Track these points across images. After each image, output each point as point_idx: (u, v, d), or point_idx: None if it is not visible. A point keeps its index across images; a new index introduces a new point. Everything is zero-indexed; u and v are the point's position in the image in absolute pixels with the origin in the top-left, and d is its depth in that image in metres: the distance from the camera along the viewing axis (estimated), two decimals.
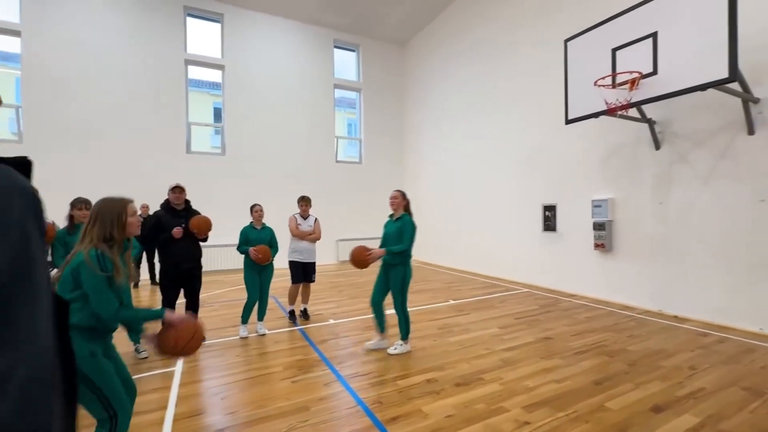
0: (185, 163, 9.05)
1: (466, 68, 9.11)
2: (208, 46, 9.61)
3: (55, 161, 7.72)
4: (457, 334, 4.41)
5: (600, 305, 5.63)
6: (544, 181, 7.01)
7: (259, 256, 4.27)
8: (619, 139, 5.71)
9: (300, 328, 4.73)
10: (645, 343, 4.03)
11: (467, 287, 7.20)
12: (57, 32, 7.90)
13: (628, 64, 4.31)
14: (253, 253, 4.28)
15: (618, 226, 5.76)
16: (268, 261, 4.36)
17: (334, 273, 9.18)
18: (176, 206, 4.06)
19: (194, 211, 4.21)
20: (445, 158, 10.02)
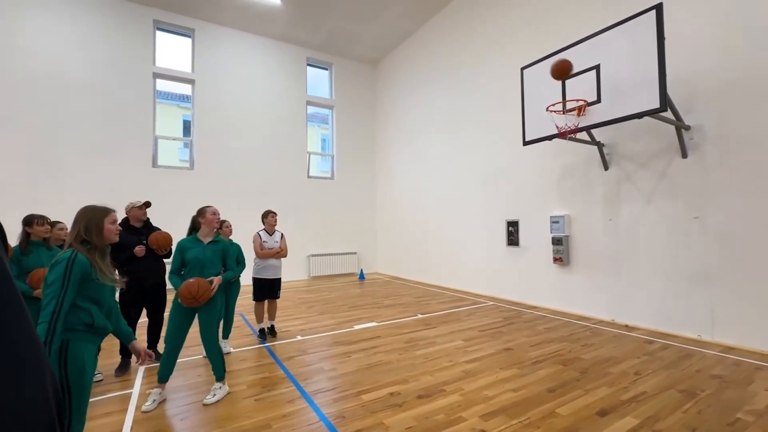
0: (151, 176, 8.83)
1: (434, 90, 9.51)
2: (178, 60, 9.54)
3: (13, 171, 7.34)
4: (422, 348, 4.51)
5: (558, 316, 5.92)
6: (508, 198, 7.37)
7: None
8: (572, 160, 6.13)
9: (266, 346, 4.68)
10: (597, 352, 4.28)
11: (436, 301, 7.35)
12: (19, 41, 7.62)
13: (576, 92, 4.70)
14: None
15: (574, 240, 6.13)
16: None
17: (304, 289, 9.12)
18: (135, 224, 3.99)
19: (154, 228, 4.15)
20: (414, 175, 10.29)
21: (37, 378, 0.70)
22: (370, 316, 6.18)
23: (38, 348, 0.73)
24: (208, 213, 3.39)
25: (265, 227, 5.31)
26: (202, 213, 3.41)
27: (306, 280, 10.52)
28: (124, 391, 3.41)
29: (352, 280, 10.52)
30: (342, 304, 7.24)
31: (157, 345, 4.17)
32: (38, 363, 0.71)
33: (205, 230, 3.40)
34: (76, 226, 1.97)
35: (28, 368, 0.69)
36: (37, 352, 0.72)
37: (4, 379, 0.63)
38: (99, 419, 2.88)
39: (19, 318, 0.71)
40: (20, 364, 0.65)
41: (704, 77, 4.58)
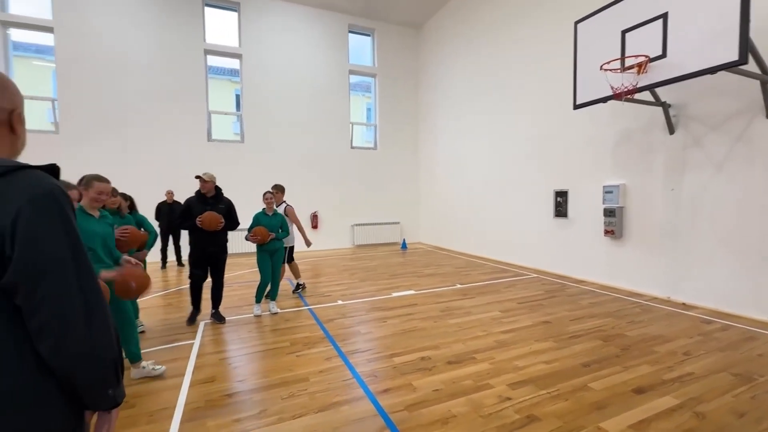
0: (207, 150, 9.45)
1: (479, 52, 8.95)
2: (226, 35, 9.85)
3: (87, 150, 8.26)
4: (457, 317, 4.57)
5: (607, 291, 5.63)
6: (557, 167, 6.94)
7: (258, 238, 4.55)
8: (631, 124, 5.57)
9: (309, 308, 5.02)
10: (644, 329, 4.07)
11: (477, 272, 7.31)
12: (85, 27, 8.32)
13: (637, 46, 4.19)
14: (251, 237, 4.57)
15: (629, 212, 5.68)
16: (266, 242, 4.62)
17: (348, 257, 9.48)
18: (206, 194, 4.37)
19: (224, 199, 4.50)
20: (458, 143, 9.98)
21: (104, 322, 0.89)
22: (408, 284, 6.33)
23: (103, 299, 0.92)
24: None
25: None
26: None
27: (350, 249, 10.91)
28: (187, 342, 3.89)
29: (395, 249, 10.72)
30: (383, 272, 7.46)
31: (218, 306, 4.62)
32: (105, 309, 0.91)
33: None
34: None
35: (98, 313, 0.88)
36: (103, 302, 0.91)
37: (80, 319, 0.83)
38: (167, 363, 3.34)
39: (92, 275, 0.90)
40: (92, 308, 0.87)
41: None
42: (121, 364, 0.95)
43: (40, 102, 8.58)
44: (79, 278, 0.85)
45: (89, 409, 0.93)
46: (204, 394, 2.84)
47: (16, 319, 0.79)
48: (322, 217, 10.74)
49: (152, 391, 2.90)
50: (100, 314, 0.88)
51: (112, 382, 0.91)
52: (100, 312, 0.88)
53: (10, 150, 0.94)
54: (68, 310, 0.82)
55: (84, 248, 0.89)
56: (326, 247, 10.80)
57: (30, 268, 0.79)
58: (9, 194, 0.79)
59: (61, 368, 0.82)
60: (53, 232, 0.83)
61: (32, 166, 0.87)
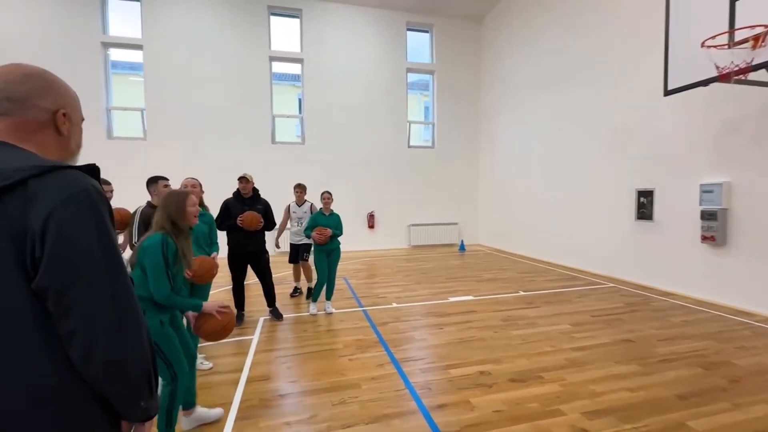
0: (270, 153, 9.93)
1: (548, 40, 8.25)
2: (289, 41, 10.26)
3: (167, 154, 9.11)
4: (521, 328, 4.19)
5: (704, 308, 4.81)
6: (640, 163, 6.12)
7: (322, 238, 4.57)
8: (737, 111, 4.68)
9: (363, 309, 4.96)
10: (758, 358, 3.36)
11: (542, 278, 6.73)
12: (166, 42, 9.19)
13: (750, 17, 3.47)
14: (315, 236, 4.59)
15: (735, 215, 4.79)
16: (325, 242, 4.62)
17: (404, 257, 9.34)
18: (244, 195, 4.50)
19: (261, 200, 4.61)
20: (522, 139, 9.33)
21: (138, 332, 0.84)
22: (466, 289, 6.00)
23: (137, 307, 0.87)
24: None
25: (295, 199, 5.68)
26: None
27: (405, 249, 10.76)
28: (246, 337, 4.03)
29: (452, 251, 10.36)
30: (439, 274, 7.20)
31: (274, 303, 4.74)
32: (138, 318, 0.85)
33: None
34: (164, 212, 2.16)
35: (131, 322, 0.83)
36: (137, 311, 0.86)
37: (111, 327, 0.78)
38: (227, 358, 3.47)
39: (126, 280, 0.85)
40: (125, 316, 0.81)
41: None
42: (155, 376, 0.89)
43: (133, 112, 9.65)
44: (113, 284, 0.80)
45: (123, 419, 0.89)
46: (259, 393, 2.87)
47: (50, 323, 0.76)
48: (379, 216, 10.73)
49: (213, 384, 3.00)
50: (134, 323, 0.82)
51: (145, 394, 0.85)
52: (133, 321, 0.82)
53: (59, 152, 0.92)
54: (98, 317, 0.77)
55: (119, 252, 0.84)
56: (382, 246, 10.78)
57: (59, 270, 0.74)
58: (42, 194, 0.75)
59: (90, 377, 0.78)
60: (85, 234, 0.78)
61: (70, 166, 0.83)
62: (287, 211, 5.73)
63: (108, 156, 8.47)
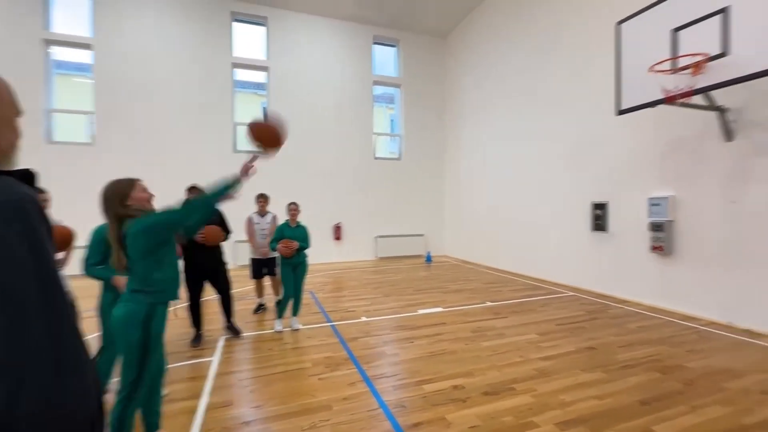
0: (232, 162, 9.53)
1: (508, 58, 8.66)
2: (253, 49, 10.02)
3: (120, 162, 8.49)
4: (490, 339, 4.22)
5: (656, 314, 5.12)
6: (595, 177, 6.50)
7: (288, 251, 4.39)
8: (680, 131, 5.11)
9: (332, 324, 4.79)
10: (707, 360, 3.59)
11: (507, 288, 6.89)
12: (119, 43, 8.65)
13: (691, 45, 3.82)
14: (281, 248, 4.40)
15: (680, 226, 5.18)
16: (292, 255, 4.44)
17: (371, 270, 9.24)
18: None
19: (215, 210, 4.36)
20: (486, 153, 9.64)
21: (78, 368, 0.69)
22: (435, 300, 6.01)
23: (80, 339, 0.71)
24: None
25: (257, 209, 5.45)
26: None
27: (373, 261, 10.67)
28: (205, 359, 3.73)
29: (419, 262, 10.40)
30: (407, 286, 7.17)
31: (232, 317, 4.47)
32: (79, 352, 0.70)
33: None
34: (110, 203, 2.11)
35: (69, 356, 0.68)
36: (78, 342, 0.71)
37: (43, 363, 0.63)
38: (182, 383, 3.18)
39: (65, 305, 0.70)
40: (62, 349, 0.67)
41: None
42: (99, 421, 0.74)
43: (78, 116, 8.91)
44: (46, 309, 0.65)
45: None
46: (220, 420, 2.63)
47: None
48: (346, 228, 10.59)
49: (168, 413, 2.71)
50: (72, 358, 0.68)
51: None
52: (71, 355, 0.68)
53: None
54: (26, 349, 0.62)
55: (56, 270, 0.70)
56: (349, 258, 10.62)
57: None
58: None
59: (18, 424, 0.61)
60: (14, 251, 0.64)
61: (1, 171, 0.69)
62: (250, 223, 5.46)
63: (47, 161, 7.74)
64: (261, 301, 5.52)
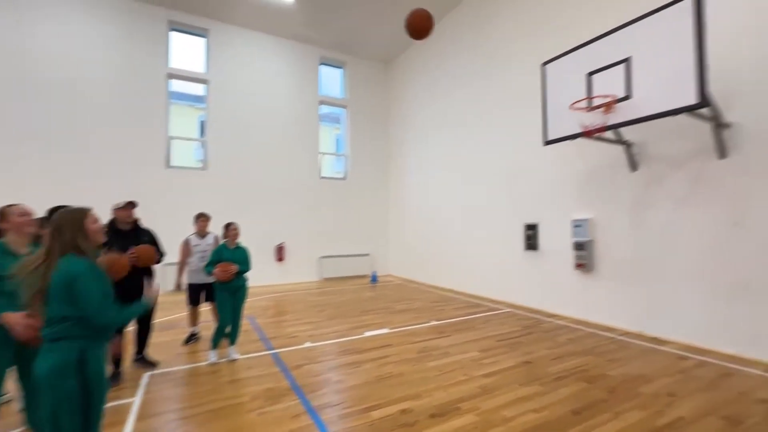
0: (164, 177, 8.84)
1: (448, 88, 9.23)
2: (193, 60, 9.55)
3: (32, 170, 7.44)
4: (436, 359, 4.28)
5: (581, 326, 5.58)
6: (526, 200, 7.05)
7: (226, 275, 4.11)
8: (597, 161, 5.78)
9: (273, 352, 4.53)
10: (625, 368, 3.97)
11: (451, 307, 7.09)
12: (37, 43, 7.73)
13: (603, 87, 4.39)
14: (218, 272, 4.11)
15: (598, 246, 5.78)
16: (230, 279, 4.17)
17: (315, 291, 8.98)
18: (123, 226, 3.82)
19: (144, 230, 4.00)
20: (429, 175, 10.04)
21: None
22: (381, 321, 5.98)
23: None
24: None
25: (196, 230, 5.16)
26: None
27: (317, 282, 10.40)
28: (124, 401, 3.30)
29: (364, 282, 10.35)
30: (353, 308, 7.06)
31: (145, 348, 4.05)
32: None
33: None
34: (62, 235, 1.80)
35: None
36: None
37: None
38: None
39: None
40: None
41: (744, 71, 4.20)
42: None
43: None
44: None
45: None
46: None
47: None
48: (289, 248, 10.24)
49: None
50: None
51: None
52: None
53: None
54: None
55: None
56: (292, 280, 10.24)
57: None
58: None
59: None
60: None
61: None
62: (187, 245, 5.04)
63: None
64: (194, 330, 5.07)
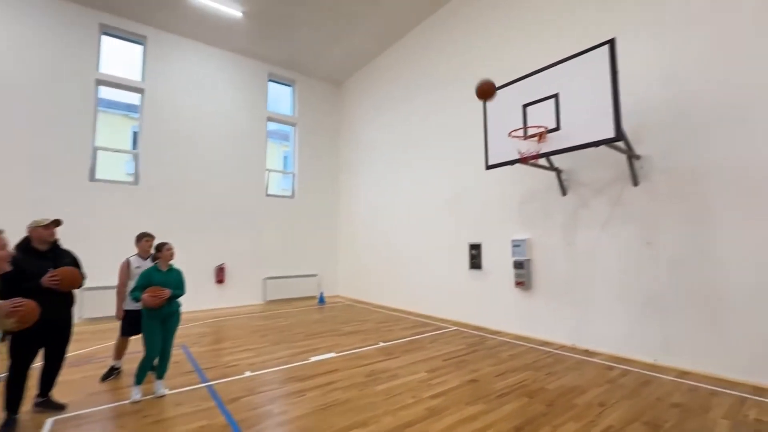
0: (88, 191, 7.98)
1: (397, 112, 9.53)
2: (127, 68, 8.89)
3: None
4: (384, 382, 4.20)
5: (522, 342, 5.85)
6: (471, 221, 7.36)
7: (157, 301, 3.73)
8: (533, 185, 6.24)
9: (208, 385, 4.15)
10: (561, 381, 4.19)
11: (399, 327, 7.08)
12: None
13: (536, 119, 4.79)
14: (148, 298, 3.72)
15: (535, 264, 6.16)
16: (161, 305, 3.80)
17: (259, 315, 8.50)
18: (40, 246, 3.39)
19: (65, 251, 3.56)
20: (378, 196, 10.14)
21: None
22: (328, 345, 5.78)
23: None
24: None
25: (138, 252, 4.63)
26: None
27: (261, 305, 9.86)
28: None
29: (312, 304, 10.01)
30: (299, 331, 6.77)
31: (51, 391, 3.54)
32: None
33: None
34: None
35: None
36: None
37: None
38: None
39: None
40: None
41: (653, 110, 4.84)
42: None
43: None
44: None
45: None
46: None
47: None
48: (231, 269, 9.64)
49: None
50: None
51: None
52: None
53: None
54: None
55: None
56: (234, 303, 9.61)
57: None
58: None
59: None
60: None
61: None
62: (127, 268, 4.49)
63: None
64: (116, 364, 4.48)
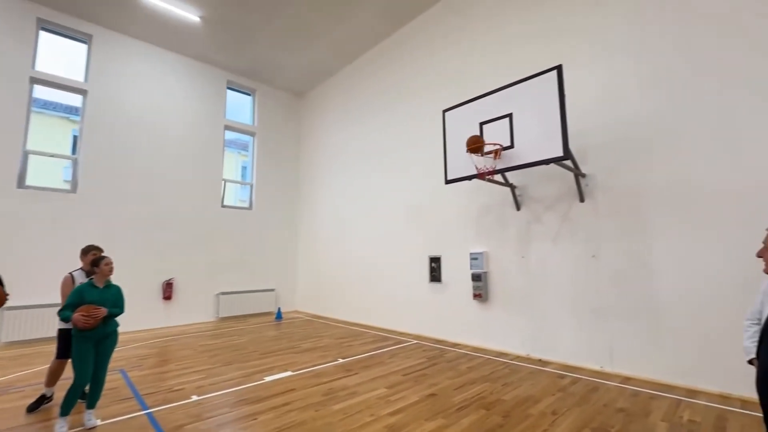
0: (16, 199, 7.18)
1: (358, 126, 9.58)
2: (70, 67, 8.24)
3: None
4: (342, 400, 4.06)
5: (479, 353, 5.94)
6: (430, 234, 7.47)
7: (91, 322, 3.37)
8: (489, 200, 6.47)
9: (148, 412, 3.79)
10: (516, 391, 4.28)
11: (358, 342, 6.94)
12: None
13: (492, 136, 5.00)
14: (79, 318, 3.35)
15: (492, 277, 6.34)
16: (95, 325, 3.44)
17: (210, 333, 7.99)
18: None
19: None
20: (338, 208, 10.05)
21: None
22: (284, 363, 5.53)
23: None
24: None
25: (82, 266, 4.16)
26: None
27: (213, 322, 9.29)
28: None
29: (268, 320, 9.60)
30: (253, 350, 6.43)
31: None
32: None
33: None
34: None
35: None
36: None
37: None
38: None
39: None
40: None
41: (595, 132, 5.23)
42: None
43: None
44: None
45: None
46: None
47: None
48: (180, 285, 9.03)
49: None
50: None
51: None
52: None
53: None
54: None
55: None
56: (182, 321, 8.98)
57: None
58: None
59: None
60: None
61: None
62: (71, 284, 3.99)
63: None
64: (47, 392, 3.96)
